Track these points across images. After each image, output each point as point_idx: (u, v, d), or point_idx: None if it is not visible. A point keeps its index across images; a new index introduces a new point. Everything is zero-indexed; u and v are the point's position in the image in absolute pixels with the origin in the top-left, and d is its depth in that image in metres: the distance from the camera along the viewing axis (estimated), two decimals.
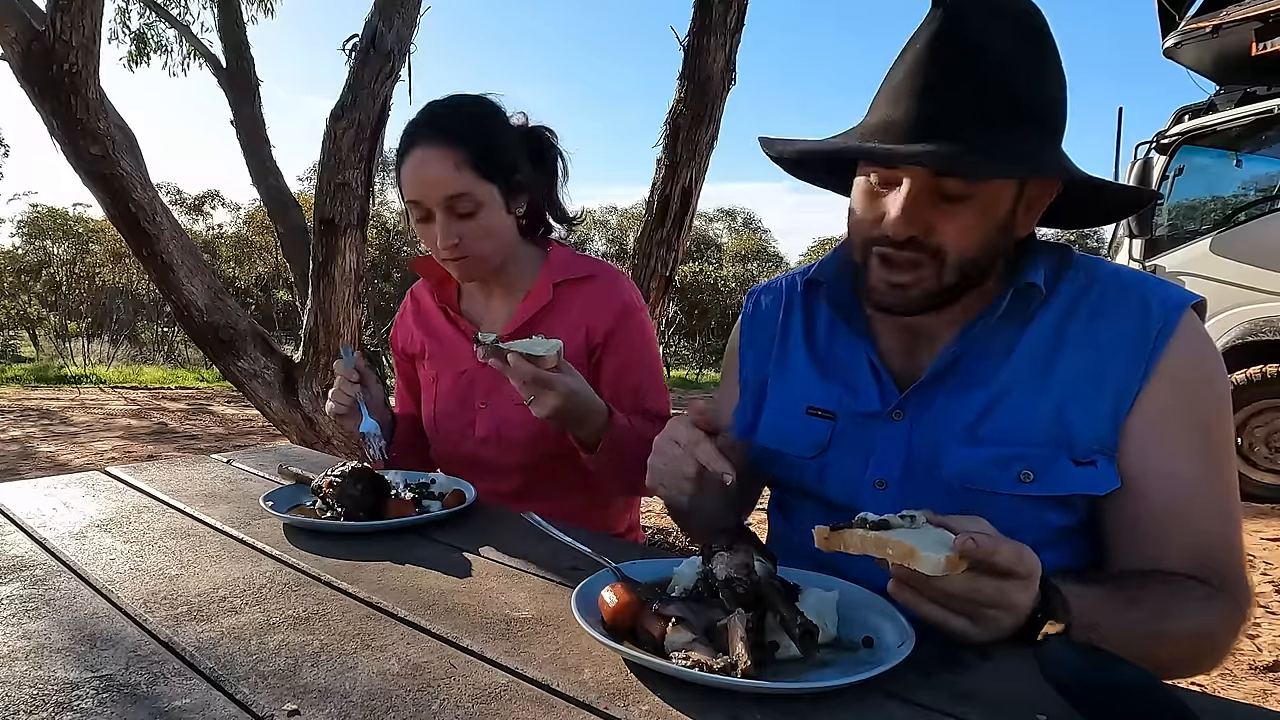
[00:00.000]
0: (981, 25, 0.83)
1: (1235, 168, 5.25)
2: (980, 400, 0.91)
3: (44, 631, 0.75)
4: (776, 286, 1.15)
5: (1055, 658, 0.60)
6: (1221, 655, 0.87)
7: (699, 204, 3.68)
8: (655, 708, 0.62)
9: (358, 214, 3.11)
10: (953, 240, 0.85)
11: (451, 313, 1.46)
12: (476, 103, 1.37)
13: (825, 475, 1.00)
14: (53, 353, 14.63)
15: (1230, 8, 5.00)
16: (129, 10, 7.99)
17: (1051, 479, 0.86)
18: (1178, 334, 0.86)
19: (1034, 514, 0.87)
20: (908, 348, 0.98)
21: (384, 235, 15.88)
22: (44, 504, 1.18)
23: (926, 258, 0.86)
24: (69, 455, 6.04)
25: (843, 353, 1.03)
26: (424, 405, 1.51)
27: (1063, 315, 0.91)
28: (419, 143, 1.31)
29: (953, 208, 0.84)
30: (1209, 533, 0.85)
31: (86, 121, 2.74)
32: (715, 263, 20.00)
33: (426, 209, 1.31)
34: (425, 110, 1.36)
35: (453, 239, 1.30)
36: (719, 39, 3.37)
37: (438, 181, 1.29)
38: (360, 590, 0.86)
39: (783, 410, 1.06)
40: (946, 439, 0.91)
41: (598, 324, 1.37)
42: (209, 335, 3.18)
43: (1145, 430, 0.85)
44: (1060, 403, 0.87)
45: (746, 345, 1.14)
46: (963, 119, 0.82)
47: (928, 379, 0.93)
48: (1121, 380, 0.86)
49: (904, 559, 0.67)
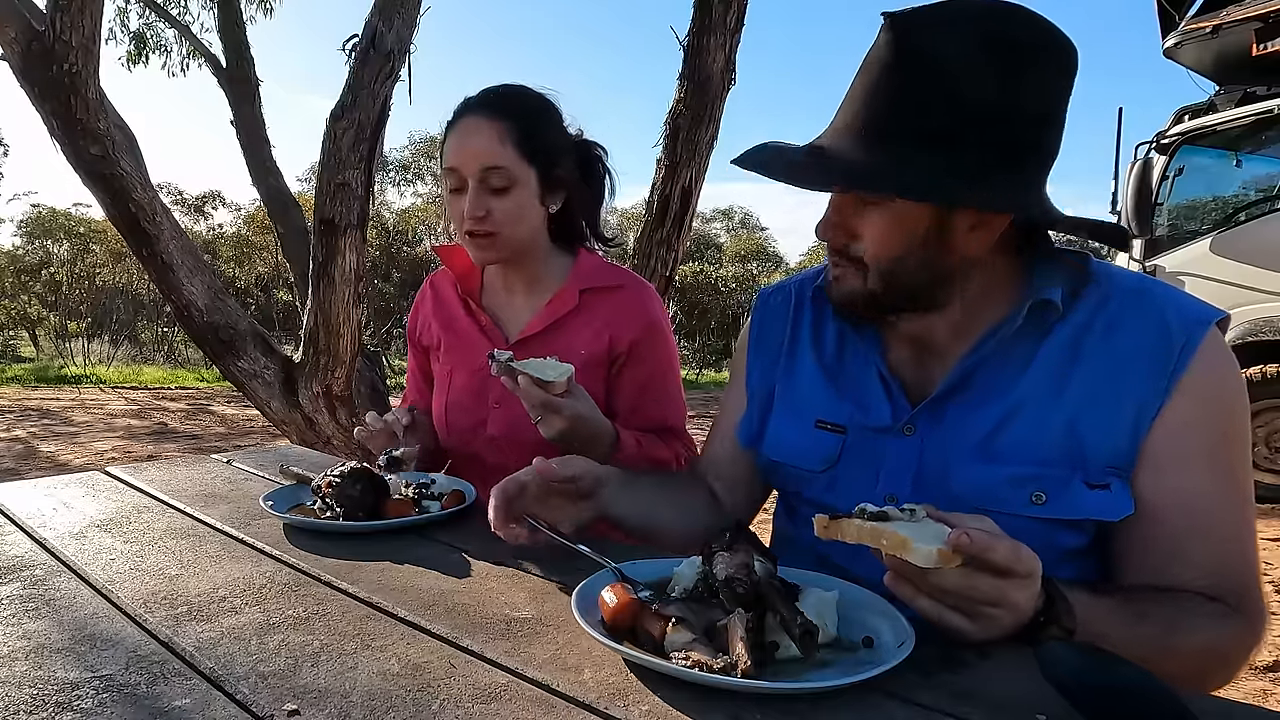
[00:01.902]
0: (914, 35, 0.81)
1: (1235, 168, 5.25)
2: (993, 416, 0.89)
3: (44, 631, 0.75)
4: (786, 289, 1.13)
5: (1055, 658, 0.60)
6: (1232, 673, 0.86)
7: (699, 204, 3.69)
8: (655, 708, 0.62)
9: (358, 214, 3.11)
10: (869, 247, 0.88)
11: (473, 305, 1.45)
12: (531, 90, 1.38)
13: (834, 489, 0.99)
14: (53, 353, 14.64)
15: (1230, 8, 5.00)
16: (128, 10, 7.99)
17: (1064, 502, 0.85)
18: (1201, 351, 0.83)
19: (1044, 535, 0.85)
20: (919, 360, 0.97)
21: (384, 235, 15.89)
22: (44, 504, 1.18)
23: (849, 263, 0.91)
24: (69, 455, 6.05)
25: (852, 363, 1.02)
26: (436, 398, 1.49)
27: (1080, 329, 0.88)
28: (468, 113, 1.33)
29: (870, 213, 0.87)
30: (1225, 553, 0.84)
31: (86, 121, 2.74)
32: (715, 263, 20.00)
33: (462, 178, 1.30)
34: (479, 92, 1.37)
35: (481, 210, 1.30)
36: (719, 39, 3.37)
37: (478, 152, 1.29)
38: (360, 590, 0.86)
39: (791, 423, 1.04)
40: (958, 455, 0.90)
41: (622, 334, 1.37)
42: (209, 335, 3.18)
43: (1165, 450, 0.83)
44: (1074, 417, 0.86)
45: (755, 352, 1.13)
46: (870, 129, 0.83)
47: (940, 394, 0.92)
48: (1141, 396, 0.84)
49: (897, 550, 0.67)
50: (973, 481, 0.89)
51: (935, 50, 0.80)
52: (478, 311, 1.44)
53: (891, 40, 0.82)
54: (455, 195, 1.32)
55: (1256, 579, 0.86)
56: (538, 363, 1.11)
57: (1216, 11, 5.09)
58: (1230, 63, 5.18)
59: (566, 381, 1.11)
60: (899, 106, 0.82)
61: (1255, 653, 0.84)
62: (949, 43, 0.80)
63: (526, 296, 1.44)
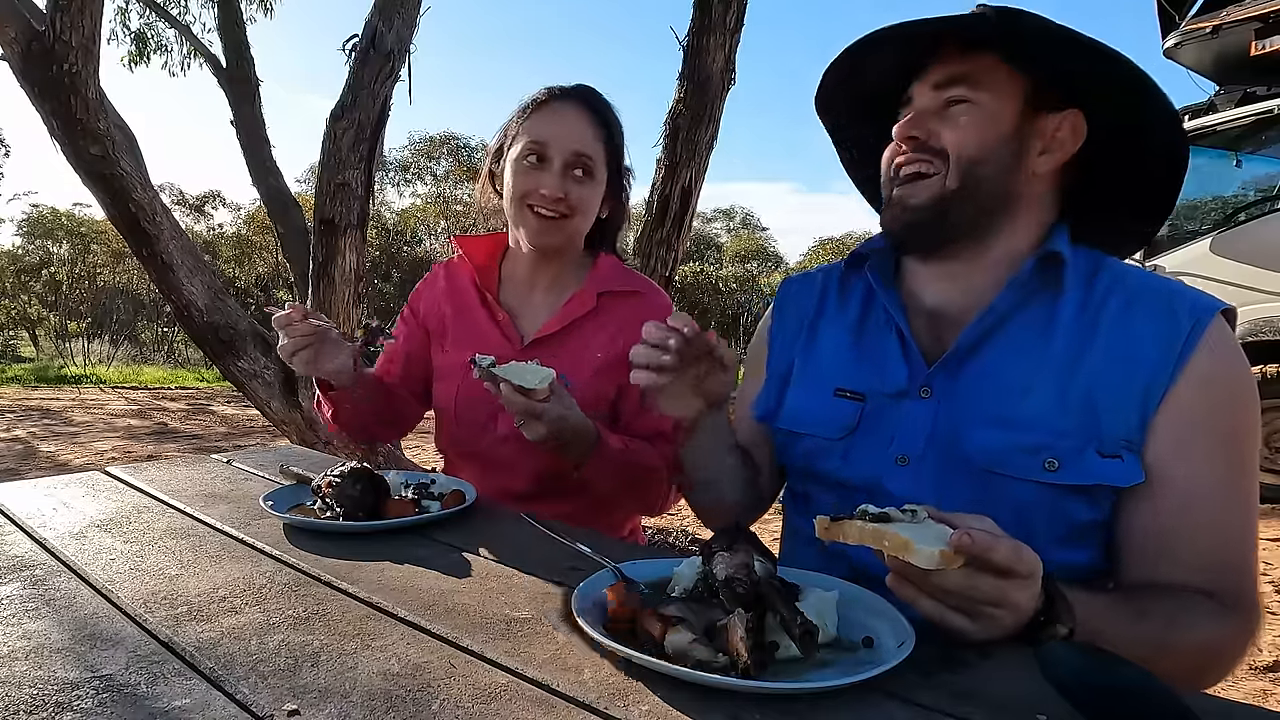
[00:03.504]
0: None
1: (1235, 168, 5.25)
2: (1010, 383, 0.91)
3: (44, 631, 0.74)
4: (812, 277, 1.17)
5: (1056, 658, 0.60)
6: (1227, 671, 0.86)
7: (699, 204, 3.68)
8: (655, 708, 0.62)
9: (358, 214, 3.11)
10: (954, 141, 0.92)
11: (490, 299, 1.44)
12: (614, 106, 1.42)
13: (850, 456, 1.00)
14: (53, 353, 14.63)
15: (1230, 8, 5.00)
16: (128, 10, 7.99)
17: (1077, 469, 0.86)
18: (1207, 337, 0.85)
19: (1056, 504, 0.87)
20: (937, 328, 0.99)
21: (384, 235, 15.89)
22: (44, 504, 1.18)
23: (931, 155, 0.93)
24: (69, 455, 6.05)
25: (875, 332, 1.04)
26: (443, 391, 1.47)
27: (1098, 305, 0.91)
28: (566, 99, 1.35)
29: (955, 113, 0.93)
30: (1223, 550, 0.84)
31: (86, 121, 2.73)
32: (715, 263, 20.01)
33: (549, 154, 1.32)
34: (574, 85, 1.39)
35: (561, 191, 1.32)
36: (718, 39, 3.37)
37: (575, 134, 1.32)
38: (360, 590, 0.86)
39: (810, 393, 1.06)
40: (973, 419, 0.92)
41: (635, 340, 1.37)
42: (209, 335, 3.18)
43: (1170, 434, 0.85)
44: (1089, 393, 0.87)
45: (776, 331, 1.16)
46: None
47: (954, 354, 0.94)
48: (1150, 378, 0.85)
49: (899, 551, 0.67)
50: (986, 446, 0.90)
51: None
52: (495, 307, 1.43)
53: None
54: (532, 169, 1.33)
55: (1253, 578, 0.86)
56: (519, 368, 1.11)
57: (1216, 12, 5.09)
58: (1230, 63, 5.19)
59: (547, 388, 1.10)
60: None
61: (1250, 651, 0.85)
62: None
63: (546, 294, 1.44)
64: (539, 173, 1.32)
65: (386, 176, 22.13)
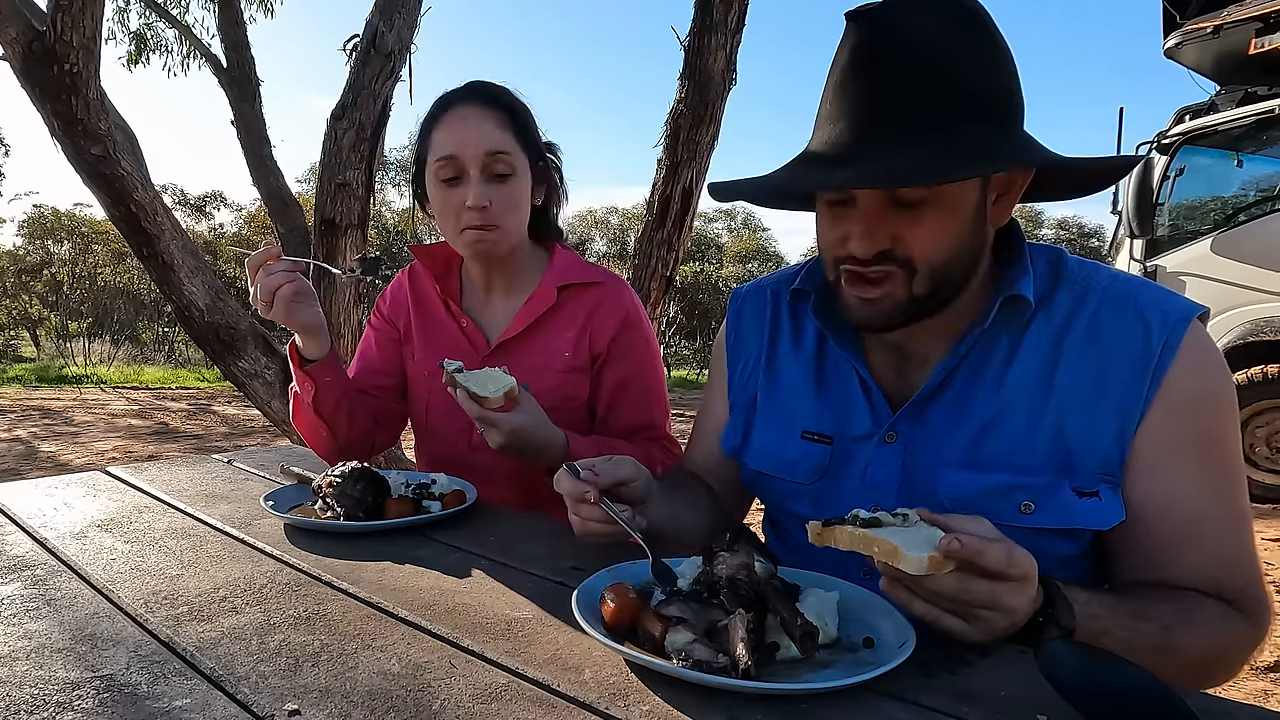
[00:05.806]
0: (900, 27, 0.79)
1: (1236, 168, 5.25)
2: (977, 421, 0.88)
3: (44, 631, 0.75)
4: (762, 290, 1.11)
5: (1055, 658, 0.60)
6: (1234, 671, 0.85)
7: (700, 204, 3.68)
8: (655, 708, 0.62)
9: (358, 214, 3.11)
10: (919, 248, 0.82)
11: (453, 307, 1.42)
12: (508, 88, 1.37)
13: (821, 500, 0.98)
14: (54, 353, 14.65)
15: (1231, 8, 5.00)
16: (128, 10, 7.99)
17: (1053, 510, 0.84)
18: (1183, 349, 0.82)
19: (1036, 545, 0.82)
20: (900, 366, 0.95)
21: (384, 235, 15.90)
22: (45, 504, 1.18)
23: (896, 268, 0.83)
24: (70, 455, 6.05)
25: (834, 369, 1.00)
26: (414, 401, 1.46)
27: (1060, 329, 0.87)
28: (459, 103, 1.30)
29: (915, 214, 0.81)
30: (1223, 553, 0.83)
31: (87, 122, 2.73)
32: (716, 263, 20.01)
33: (461, 167, 1.27)
34: (464, 85, 1.35)
35: (485, 200, 1.26)
36: (719, 39, 3.37)
37: (480, 137, 1.27)
38: (360, 590, 0.86)
39: (776, 433, 1.02)
40: (943, 463, 0.89)
41: (601, 334, 1.35)
42: (210, 335, 3.18)
43: (1153, 453, 0.82)
44: (1060, 422, 0.85)
45: (733, 356, 1.11)
46: (901, 125, 0.78)
47: (919, 399, 0.91)
48: (1125, 397, 0.83)
49: (888, 558, 0.67)
50: (958, 490, 0.88)
51: (923, 35, 0.79)
52: (458, 314, 1.41)
53: (871, 37, 0.80)
54: (450, 187, 1.28)
55: (1258, 574, 0.85)
56: (482, 374, 1.10)
57: (1217, 12, 5.09)
58: (1231, 63, 5.19)
59: (503, 398, 1.09)
60: (906, 97, 0.79)
61: (1259, 649, 0.84)
62: (929, 26, 0.79)
63: (505, 296, 1.41)
64: (455, 190, 1.28)
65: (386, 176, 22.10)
